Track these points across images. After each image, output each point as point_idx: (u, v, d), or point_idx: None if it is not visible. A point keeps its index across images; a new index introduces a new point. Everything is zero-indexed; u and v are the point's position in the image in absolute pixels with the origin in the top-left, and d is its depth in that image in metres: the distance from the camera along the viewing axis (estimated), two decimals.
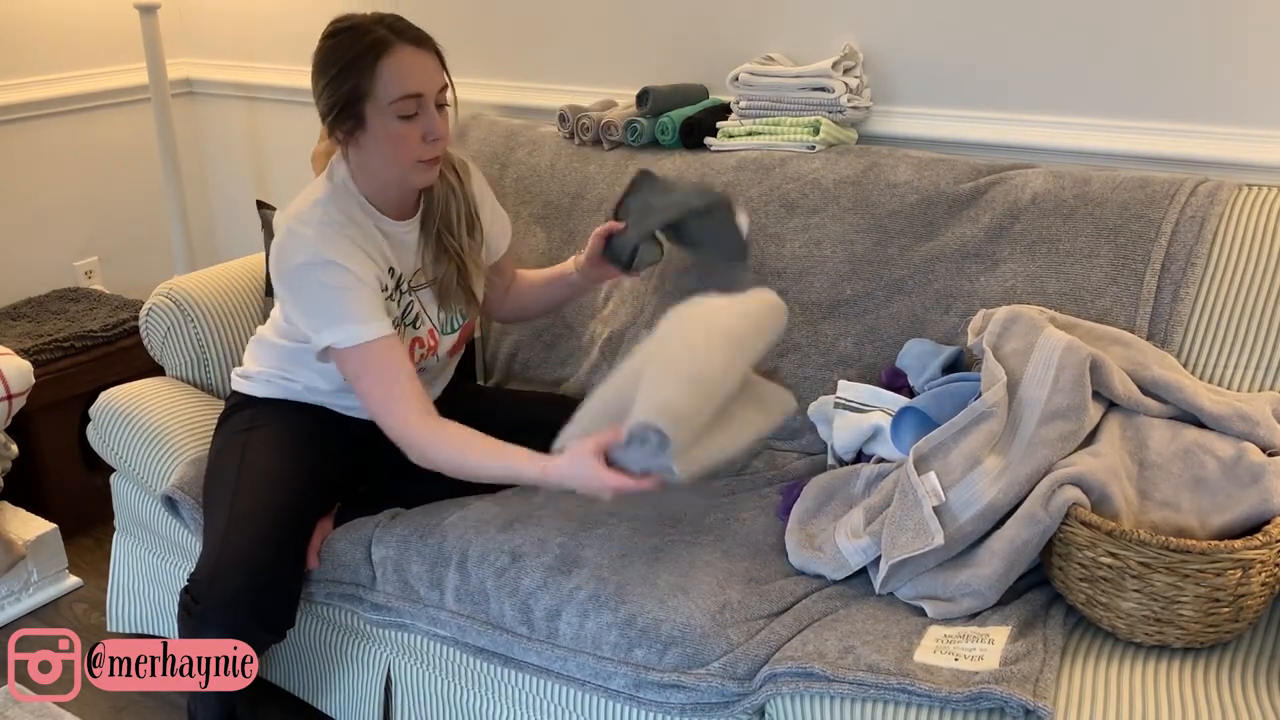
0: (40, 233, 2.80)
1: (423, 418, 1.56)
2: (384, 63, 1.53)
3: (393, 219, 1.68)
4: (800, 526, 1.60)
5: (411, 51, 1.55)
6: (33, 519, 2.28)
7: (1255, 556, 1.26)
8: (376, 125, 1.56)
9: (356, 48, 1.54)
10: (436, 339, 1.75)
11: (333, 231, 1.59)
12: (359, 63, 1.53)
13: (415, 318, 1.72)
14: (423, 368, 1.75)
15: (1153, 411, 1.52)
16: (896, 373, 1.76)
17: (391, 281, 1.68)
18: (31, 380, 2.14)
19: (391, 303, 1.67)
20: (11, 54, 2.67)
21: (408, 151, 1.58)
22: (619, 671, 1.45)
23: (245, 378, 1.81)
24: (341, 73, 1.54)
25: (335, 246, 1.58)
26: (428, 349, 1.74)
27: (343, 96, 1.55)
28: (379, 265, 1.64)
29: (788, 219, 1.93)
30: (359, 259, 1.60)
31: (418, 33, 1.58)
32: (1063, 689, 1.26)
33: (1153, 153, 1.81)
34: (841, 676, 1.30)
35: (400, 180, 1.63)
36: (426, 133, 1.57)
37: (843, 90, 1.95)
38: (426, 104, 1.57)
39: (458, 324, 1.79)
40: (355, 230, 1.62)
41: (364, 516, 1.72)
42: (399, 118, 1.55)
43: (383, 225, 1.67)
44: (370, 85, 1.53)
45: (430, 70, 1.57)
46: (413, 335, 1.71)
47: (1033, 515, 1.38)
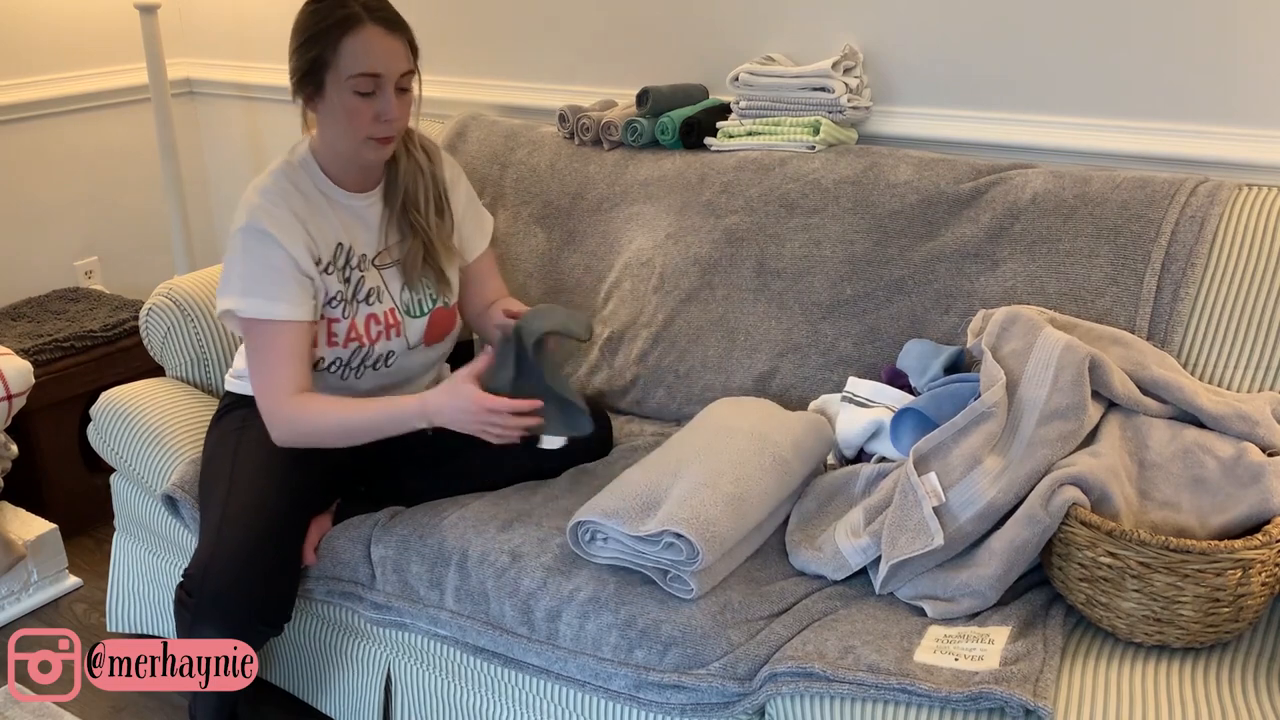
0: (40, 233, 2.80)
1: (295, 396, 1.61)
2: (350, 38, 1.58)
3: (350, 191, 1.72)
4: (800, 527, 1.60)
5: (379, 33, 1.59)
6: (33, 519, 2.28)
7: (1255, 556, 1.26)
8: (334, 96, 1.61)
9: (329, 19, 1.59)
10: (398, 319, 1.76)
11: (275, 200, 1.64)
12: (328, 34, 1.59)
13: (370, 294, 1.73)
14: (390, 351, 1.75)
15: (1152, 411, 1.53)
16: (896, 373, 1.76)
17: (335, 257, 1.70)
18: (31, 380, 2.14)
19: (331, 278, 1.69)
20: (11, 54, 2.67)
21: (360, 126, 1.62)
22: (619, 672, 1.45)
23: (237, 378, 1.82)
24: (310, 40, 1.60)
25: (273, 217, 1.62)
26: (386, 326, 1.74)
27: (308, 62, 1.61)
28: (316, 240, 1.67)
29: (788, 219, 1.93)
30: (293, 232, 1.64)
31: (392, 16, 1.63)
32: (1063, 689, 1.26)
33: (1153, 153, 1.81)
34: (841, 676, 1.30)
35: (353, 153, 1.67)
36: (380, 112, 1.61)
37: (843, 90, 1.95)
38: (385, 85, 1.60)
39: (427, 307, 1.79)
40: (299, 200, 1.67)
41: (363, 515, 1.72)
42: (356, 93, 1.60)
43: (337, 198, 1.71)
44: (333, 57, 1.59)
45: (395, 54, 1.61)
46: (367, 311, 1.72)
47: (1033, 515, 1.38)
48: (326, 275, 1.68)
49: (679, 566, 1.43)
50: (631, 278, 2.04)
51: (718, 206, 1.99)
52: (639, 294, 2.03)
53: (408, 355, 1.79)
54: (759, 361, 1.90)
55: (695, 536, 1.40)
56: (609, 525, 1.47)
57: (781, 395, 1.88)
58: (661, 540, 1.44)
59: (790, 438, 1.63)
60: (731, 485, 1.50)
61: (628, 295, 2.04)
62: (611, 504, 1.49)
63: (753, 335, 1.92)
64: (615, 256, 2.08)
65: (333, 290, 1.69)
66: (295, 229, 1.64)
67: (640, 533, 1.44)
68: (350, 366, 1.73)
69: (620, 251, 2.08)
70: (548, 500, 1.70)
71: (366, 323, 1.72)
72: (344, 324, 1.70)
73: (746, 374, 1.91)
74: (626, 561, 1.49)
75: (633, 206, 2.09)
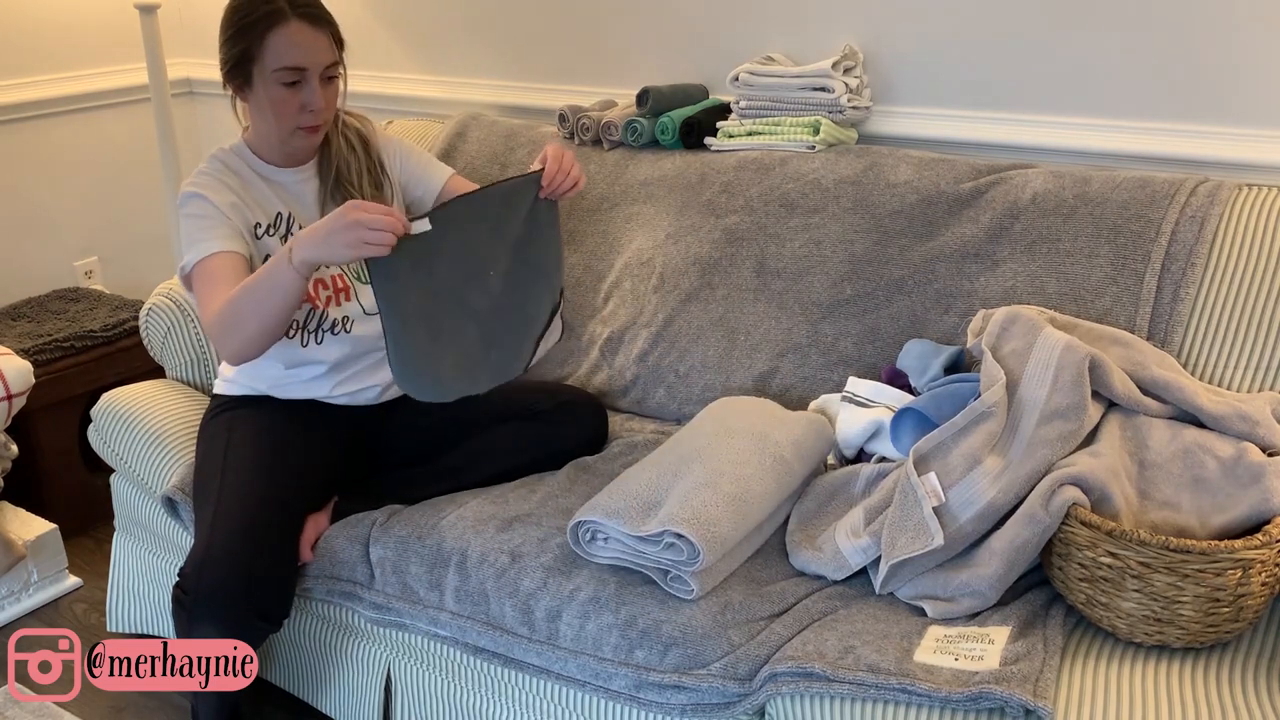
0: (40, 233, 2.80)
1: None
2: (273, 34, 1.63)
3: (281, 167, 1.77)
4: (801, 527, 1.60)
5: (303, 27, 1.64)
6: (33, 519, 2.28)
7: (1255, 556, 1.26)
8: (260, 88, 1.66)
9: (254, 14, 1.64)
10: (348, 283, 1.79)
11: (207, 176, 1.71)
12: (253, 29, 1.64)
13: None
14: (346, 316, 1.76)
15: (1152, 411, 1.53)
16: (896, 373, 1.76)
17: (275, 222, 1.74)
18: (31, 380, 2.14)
19: (272, 240, 1.73)
20: (11, 54, 2.67)
21: (287, 117, 1.68)
22: (620, 672, 1.45)
23: (224, 380, 1.84)
24: (237, 34, 1.65)
25: (201, 184, 1.69)
26: (335, 290, 1.77)
27: (235, 55, 1.66)
28: (252, 208, 1.72)
29: (788, 219, 1.93)
30: (223, 193, 1.69)
31: (316, 11, 1.68)
32: (1063, 689, 1.26)
33: (1153, 153, 1.81)
34: (841, 676, 1.30)
35: (282, 141, 1.73)
36: (306, 103, 1.67)
37: (843, 90, 1.95)
38: (309, 77, 1.66)
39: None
40: (233, 178, 1.73)
41: (361, 514, 1.72)
42: (281, 84, 1.65)
43: (269, 174, 1.77)
44: (258, 51, 1.64)
45: (319, 48, 1.66)
46: (315, 277, 1.74)
47: (1033, 515, 1.38)
48: (268, 237, 1.72)
49: (679, 566, 1.43)
50: (631, 278, 2.04)
51: (718, 206, 1.99)
52: (639, 294, 2.03)
53: (366, 321, 1.79)
54: (759, 361, 1.90)
55: (696, 536, 1.40)
56: (609, 525, 1.47)
57: (781, 395, 1.88)
58: (662, 540, 1.44)
59: (790, 438, 1.63)
60: (732, 485, 1.50)
61: (628, 295, 2.04)
62: (612, 504, 1.49)
63: (753, 335, 1.92)
64: (615, 256, 2.08)
65: (275, 250, 1.71)
66: (225, 192, 1.70)
67: (641, 533, 1.44)
68: (307, 330, 1.75)
69: (620, 251, 2.08)
70: (547, 500, 1.69)
71: (315, 287, 1.75)
72: None
73: (746, 374, 1.91)
74: (627, 561, 1.49)
75: (633, 206, 2.09)
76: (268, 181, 1.76)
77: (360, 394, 1.80)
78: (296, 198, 1.78)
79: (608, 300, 2.07)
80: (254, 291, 1.54)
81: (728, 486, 1.50)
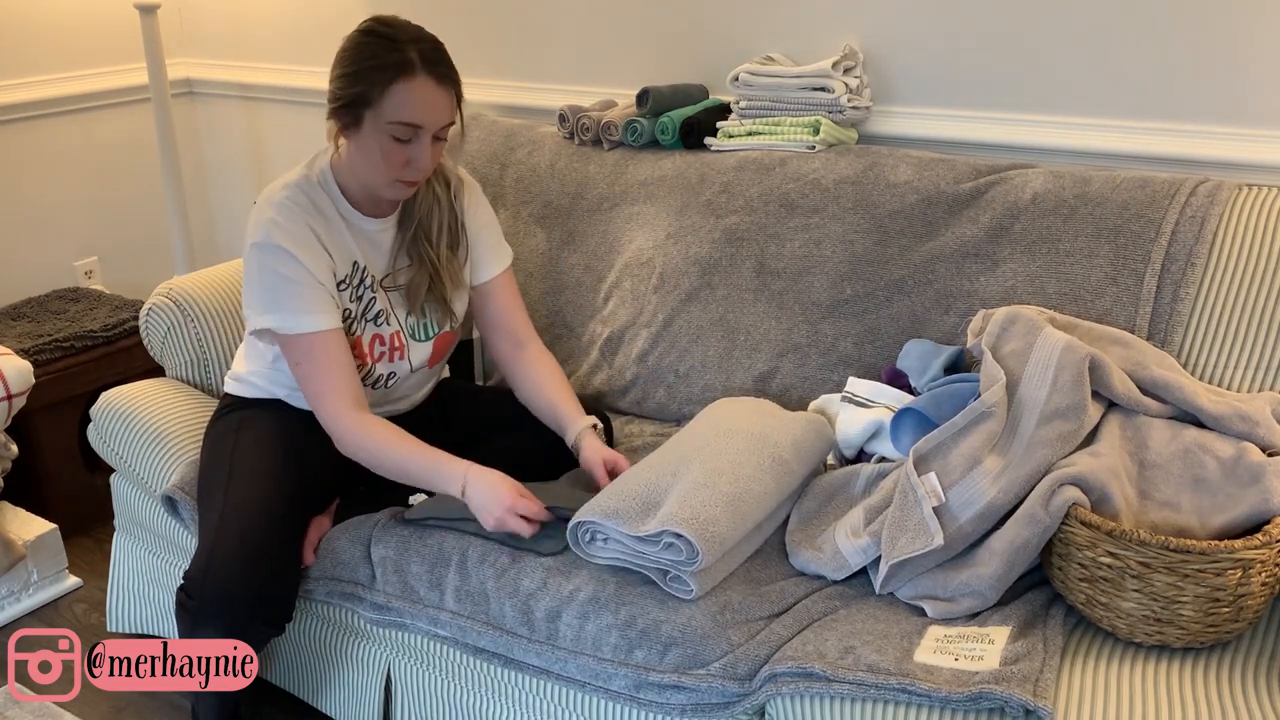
0: (40, 233, 2.79)
1: (354, 411, 1.63)
2: (399, 85, 1.55)
3: (365, 215, 1.71)
4: (801, 527, 1.60)
5: (429, 85, 1.56)
6: (33, 519, 2.28)
7: (1255, 556, 1.26)
8: (370, 134, 1.58)
9: (381, 58, 1.55)
10: (403, 341, 1.76)
11: (292, 216, 1.63)
12: (377, 74, 1.55)
13: (379, 315, 1.73)
14: (393, 373, 1.76)
15: (1152, 411, 1.53)
16: (896, 373, 1.76)
17: (351, 274, 1.70)
18: (31, 380, 2.14)
19: (344, 294, 1.69)
20: (11, 54, 2.67)
21: (389, 169, 1.60)
22: (619, 673, 1.45)
23: (236, 379, 1.83)
24: (358, 74, 1.56)
25: (288, 232, 1.61)
26: (391, 349, 1.75)
27: (350, 96, 1.57)
28: (334, 257, 1.67)
29: (788, 219, 1.93)
30: (311, 248, 1.63)
31: (445, 70, 1.59)
32: (1063, 689, 1.26)
33: (1153, 153, 1.81)
34: (841, 676, 1.30)
35: (376, 188, 1.66)
36: (413, 159, 1.60)
37: (843, 90, 1.95)
38: (423, 135, 1.59)
39: (432, 332, 1.79)
40: (317, 218, 1.66)
41: (363, 515, 1.72)
42: (392, 138, 1.58)
43: (352, 219, 1.71)
44: (378, 98, 1.55)
45: (440, 108, 1.59)
46: (374, 331, 1.73)
47: (1033, 515, 1.38)
48: (340, 291, 1.68)
49: (679, 567, 1.43)
50: (631, 278, 2.04)
51: (718, 206, 1.99)
52: (639, 294, 2.03)
53: (409, 380, 1.80)
54: (759, 361, 1.90)
55: (695, 537, 1.40)
56: (609, 525, 1.47)
57: (781, 395, 1.88)
58: (661, 540, 1.44)
59: (790, 438, 1.63)
60: (731, 485, 1.50)
61: (628, 295, 2.04)
62: (611, 504, 1.49)
63: (753, 335, 1.92)
64: (615, 256, 2.08)
65: (342, 307, 1.69)
66: (312, 245, 1.63)
67: (640, 533, 1.44)
68: None
69: (620, 251, 2.08)
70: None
71: (372, 343, 1.73)
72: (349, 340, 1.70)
73: (746, 374, 1.91)
74: (626, 562, 1.49)
75: (633, 206, 2.09)
76: (349, 226, 1.70)
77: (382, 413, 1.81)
78: (373, 246, 1.73)
79: (608, 300, 2.07)
80: (411, 467, 1.61)
81: (727, 487, 1.50)
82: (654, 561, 1.45)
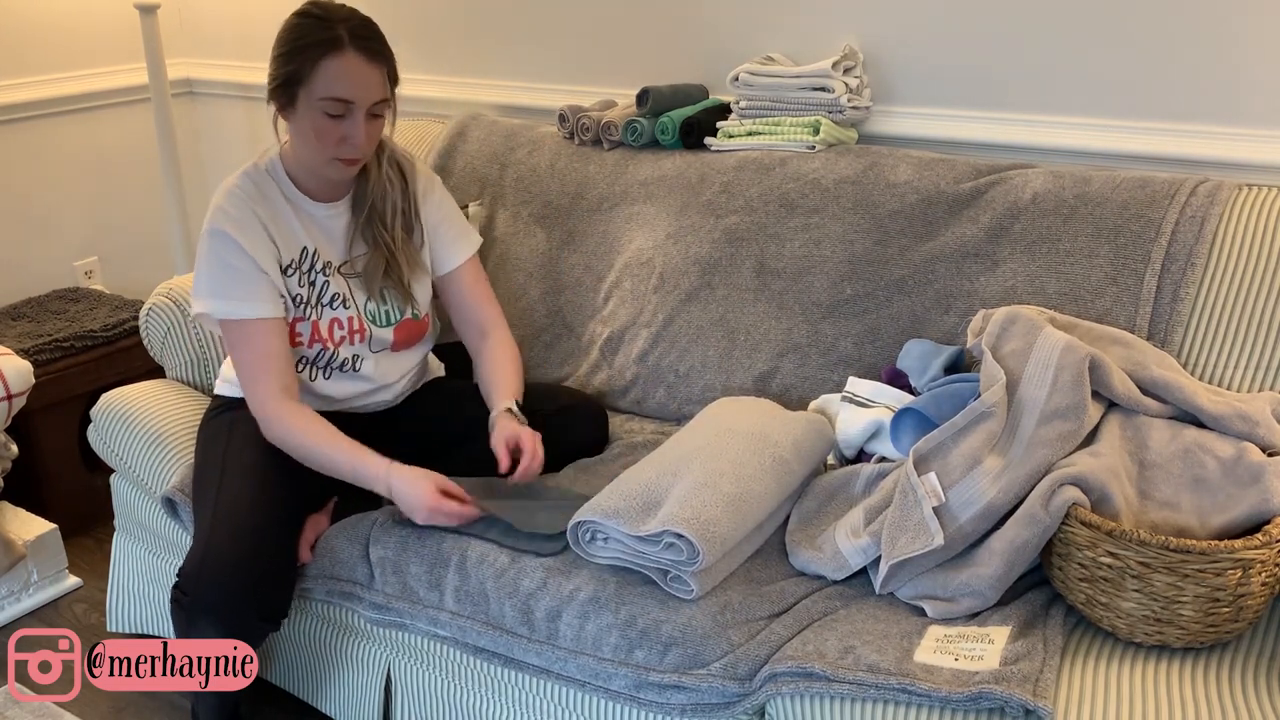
0: (40, 233, 2.80)
1: (281, 400, 1.65)
2: (327, 61, 1.58)
3: (316, 200, 1.74)
4: (801, 527, 1.60)
5: (358, 61, 1.60)
6: (33, 519, 2.28)
7: (1255, 556, 1.26)
8: (304, 112, 1.62)
9: (310, 37, 1.59)
10: (363, 325, 1.77)
11: (238, 203, 1.67)
12: (307, 52, 1.59)
13: (334, 299, 1.75)
14: (357, 355, 1.77)
15: (1152, 411, 1.52)
16: (896, 373, 1.76)
17: (300, 259, 1.72)
18: (31, 380, 2.14)
19: (293, 280, 1.71)
20: (12, 54, 2.67)
21: (325, 146, 1.63)
22: (619, 672, 1.45)
23: (226, 381, 1.84)
24: (290, 54, 1.61)
25: (233, 219, 1.65)
26: (351, 331, 1.76)
27: (284, 75, 1.61)
28: (279, 243, 1.69)
29: (788, 219, 1.93)
30: (255, 235, 1.66)
31: (376, 46, 1.63)
32: (1063, 689, 1.26)
33: (1153, 153, 1.81)
34: (841, 676, 1.30)
35: (317, 168, 1.69)
36: (347, 136, 1.62)
37: (843, 90, 1.95)
38: (355, 111, 1.61)
39: (394, 318, 1.79)
40: (262, 205, 1.69)
41: (361, 514, 1.72)
42: (325, 114, 1.61)
43: (300, 204, 1.73)
44: (308, 75, 1.59)
45: (371, 84, 1.61)
46: (331, 315, 1.74)
47: (1033, 515, 1.38)
48: (287, 277, 1.70)
49: (679, 566, 1.43)
50: (631, 277, 2.04)
51: (718, 206, 1.99)
52: (639, 294, 2.03)
53: (377, 361, 1.80)
54: (759, 361, 1.90)
55: (695, 536, 1.40)
56: (609, 525, 1.47)
57: (781, 395, 1.88)
58: (662, 540, 1.44)
59: (790, 438, 1.63)
60: (732, 485, 1.50)
61: (628, 295, 2.04)
62: (612, 504, 1.49)
63: (753, 335, 1.92)
64: (615, 256, 2.08)
65: (292, 292, 1.71)
66: (257, 230, 1.67)
67: (640, 533, 1.44)
68: (317, 366, 1.75)
69: (620, 251, 2.08)
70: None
71: (330, 326, 1.74)
72: (306, 324, 1.72)
73: (746, 374, 1.91)
74: (627, 561, 1.49)
75: (633, 206, 2.09)
76: (298, 211, 1.73)
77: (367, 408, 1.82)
78: (325, 232, 1.75)
79: (608, 300, 2.07)
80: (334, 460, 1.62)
81: (727, 486, 1.50)
82: (654, 561, 1.45)
